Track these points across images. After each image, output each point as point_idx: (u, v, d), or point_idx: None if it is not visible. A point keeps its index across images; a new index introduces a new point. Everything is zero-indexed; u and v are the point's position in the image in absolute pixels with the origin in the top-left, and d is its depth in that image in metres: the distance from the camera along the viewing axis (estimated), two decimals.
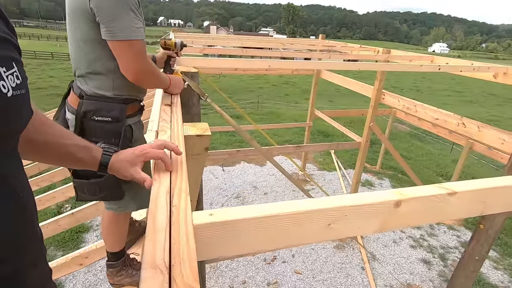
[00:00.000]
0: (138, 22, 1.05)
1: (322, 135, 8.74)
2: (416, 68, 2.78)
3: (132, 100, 1.22)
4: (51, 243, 4.22)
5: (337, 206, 0.45)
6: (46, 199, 2.52)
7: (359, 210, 0.47)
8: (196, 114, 1.61)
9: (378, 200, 0.48)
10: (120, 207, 1.30)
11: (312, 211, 0.44)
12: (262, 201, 5.26)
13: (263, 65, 2.11)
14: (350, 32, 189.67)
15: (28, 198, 0.40)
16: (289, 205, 0.44)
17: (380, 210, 0.48)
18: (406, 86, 23.50)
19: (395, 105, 3.92)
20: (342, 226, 0.47)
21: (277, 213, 0.42)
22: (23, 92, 0.37)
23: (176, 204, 0.41)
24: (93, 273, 3.72)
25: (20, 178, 0.38)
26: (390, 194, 0.50)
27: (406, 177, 6.24)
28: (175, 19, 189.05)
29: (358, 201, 0.47)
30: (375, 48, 4.38)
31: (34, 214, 0.42)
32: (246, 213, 0.41)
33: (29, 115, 0.40)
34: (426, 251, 4.37)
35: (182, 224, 0.37)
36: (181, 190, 0.44)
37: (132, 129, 1.20)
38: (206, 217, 0.40)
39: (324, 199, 0.46)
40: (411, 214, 0.51)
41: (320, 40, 5.43)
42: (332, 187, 5.89)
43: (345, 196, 0.48)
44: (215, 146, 7.27)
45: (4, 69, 0.34)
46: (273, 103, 13.70)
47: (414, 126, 8.61)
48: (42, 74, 19.34)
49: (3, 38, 0.35)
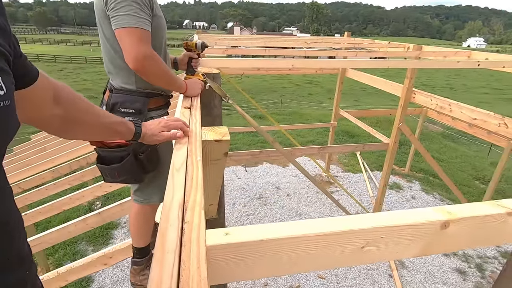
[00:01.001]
0: (141, 13, 1.07)
1: (347, 135, 8.48)
2: (452, 64, 2.58)
3: (155, 94, 1.30)
4: (83, 238, 4.43)
5: (372, 227, 0.39)
6: (77, 198, 2.63)
7: (398, 232, 0.40)
8: (217, 116, 1.58)
9: (422, 220, 0.41)
10: (144, 199, 1.38)
11: (343, 232, 0.38)
12: (285, 203, 5.18)
13: (286, 65, 2.06)
14: (377, 29, 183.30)
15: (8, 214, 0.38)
16: (316, 224, 0.39)
17: (423, 231, 0.41)
18: (438, 84, 22.27)
19: (427, 104, 3.69)
20: (378, 249, 0.40)
21: (302, 234, 0.37)
22: (6, 103, 0.34)
23: (188, 220, 0.37)
24: (120, 269, 3.85)
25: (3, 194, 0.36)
26: (436, 213, 0.43)
27: (438, 180, 5.88)
28: (200, 22, 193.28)
29: (398, 221, 0.40)
30: (404, 45, 4.15)
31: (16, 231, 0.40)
32: (266, 233, 0.36)
33: (15, 126, 0.37)
34: (461, 260, 4.07)
35: (194, 245, 0.33)
36: (195, 203, 0.40)
37: None
38: (221, 237, 0.35)
39: (357, 218, 0.40)
40: (461, 237, 0.43)
41: (346, 37, 5.25)
42: (357, 189, 5.68)
43: (382, 214, 0.42)
44: (238, 147, 7.28)
45: None
46: (296, 103, 13.54)
47: (447, 126, 8.11)
48: (77, 78, 20.52)
49: None
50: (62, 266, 4.13)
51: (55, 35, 74.35)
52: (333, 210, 4.96)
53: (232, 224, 4.64)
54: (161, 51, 1.28)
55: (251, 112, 10.40)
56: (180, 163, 0.53)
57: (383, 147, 4.26)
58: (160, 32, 1.25)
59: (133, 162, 1.15)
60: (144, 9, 1.09)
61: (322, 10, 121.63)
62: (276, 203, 5.19)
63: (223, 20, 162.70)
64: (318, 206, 5.10)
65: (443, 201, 5.37)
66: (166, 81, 1.18)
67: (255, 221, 4.70)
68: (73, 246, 4.31)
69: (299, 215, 4.86)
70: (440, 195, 5.56)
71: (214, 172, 0.87)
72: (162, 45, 1.29)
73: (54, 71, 23.14)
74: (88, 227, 2.18)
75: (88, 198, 2.81)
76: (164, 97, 1.37)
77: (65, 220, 4.40)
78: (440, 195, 5.58)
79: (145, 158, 1.19)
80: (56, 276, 1.67)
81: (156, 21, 1.19)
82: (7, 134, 0.36)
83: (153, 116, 1.29)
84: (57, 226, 2.22)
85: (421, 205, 5.23)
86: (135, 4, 1.05)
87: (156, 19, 1.19)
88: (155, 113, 1.32)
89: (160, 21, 1.23)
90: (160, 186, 1.37)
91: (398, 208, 5.15)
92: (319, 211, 4.97)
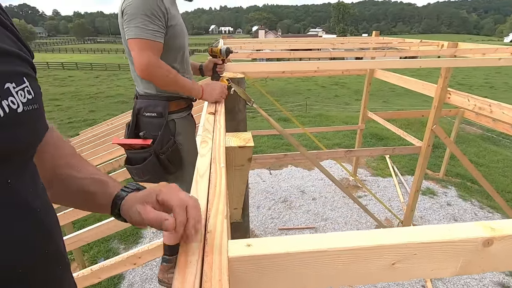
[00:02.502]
0: (151, 25, 1.13)
1: (375, 138, 8.17)
2: (493, 62, 2.40)
3: (175, 97, 1.35)
4: (115, 236, 4.65)
5: (404, 243, 0.36)
6: None
7: (433, 248, 0.37)
8: (242, 120, 1.59)
9: (461, 236, 0.37)
10: None
11: (372, 247, 0.35)
12: (310, 207, 5.09)
13: (311, 67, 2.02)
14: (408, 27, 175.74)
15: (46, 213, 0.39)
16: (342, 238, 0.37)
17: (462, 249, 0.37)
18: (476, 82, 20.83)
19: (464, 105, 3.45)
20: (410, 267, 0.37)
21: (327, 248, 0.35)
22: (35, 107, 0.36)
23: (211, 229, 0.37)
24: (149, 268, 3.99)
25: (36, 192, 0.38)
26: (477, 229, 0.39)
27: (478, 186, 5.48)
28: (225, 26, 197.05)
29: (433, 236, 0.37)
30: (438, 42, 3.93)
31: (54, 229, 0.41)
32: (289, 246, 0.35)
33: (44, 129, 0.40)
34: (505, 273, 3.74)
35: (216, 256, 0.33)
36: (218, 212, 0.40)
37: (175, 123, 1.36)
38: (243, 249, 0.35)
39: (388, 232, 0.37)
40: (506, 257, 0.38)
41: (374, 37, 5.08)
42: (387, 194, 5.44)
43: (416, 229, 0.38)
44: (262, 149, 7.28)
45: (13, 84, 0.33)
46: (322, 105, 13.30)
47: (486, 127, 7.54)
48: (111, 84, 21.71)
49: (15, 54, 0.35)
50: (96, 262, 4.37)
51: (92, 45, 79.44)
52: (361, 215, 4.79)
53: (256, 227, 4.63)
54: (178, 59, 1.33)
55: (276, 114, 10.37)
56: (203, 170, 0.53)
57: (415, 150, 4.05)
58: (176, 40, 1.29)
59: (155, 162, 1.23)
60: (155, 21, 1.14)
61: (348, 10, 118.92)
62: (301, 207, 5.11)
63: (248, 24, 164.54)
64: (345, 211, 4.95)
65: (483, 209, 4.99)
66: (175, 87, 1.24)
67: (279, 225, 4.66)
68: (106, 244, 4.54)
69: (325, 220, 4.75)
70: (480, 202, 5.17)
71: (238, 177, 0.87)
72: (179, 52, 1.34)
73: (91, 78, 24.69)
74: (120, 226, 2.28)
75: None
76: (185, 100, 1.42)
77: (100, 219, 4.66)
78: (480, 202, 5.19)
79: (166, 159, 1.24)
80: (90, 273, 1.76)
81: (172, 31, 1.24)
82: (37, 136, 0.38)
83: (174, 118, 1.35)
84: (92, 225, 2.35)
85: (457, 212, 4.89)
86: (146, 17, 1.12)
87: (172, 29, 1.23)
88: (176, 115, 1.37)
89: (177, 29, 1.27)
90: (185, 188, 1.42)
91: (432, 215, 4.85)
92: (345, 216, 4.83)
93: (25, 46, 0.40)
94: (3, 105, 0.31)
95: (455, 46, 3.49)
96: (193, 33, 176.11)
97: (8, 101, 0.32)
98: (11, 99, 0.32)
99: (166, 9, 1.18)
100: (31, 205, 0.36)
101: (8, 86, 0.33)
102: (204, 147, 0.63)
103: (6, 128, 0.31)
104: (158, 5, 1.15)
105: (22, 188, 0.35)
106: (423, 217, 4.79)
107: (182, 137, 1.38)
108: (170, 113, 1.34)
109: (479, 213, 4.89)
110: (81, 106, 14.95)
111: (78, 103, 15.65)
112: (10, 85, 0.33)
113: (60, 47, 63.06)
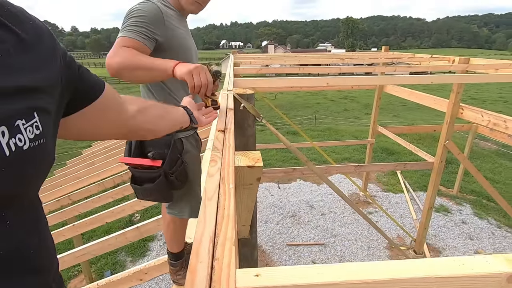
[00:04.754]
0: (139, 28, 1.09)
1: (385, 152, 8.05)
2: (506, 78, 2.36)
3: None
4: (122, 249, 4.64)
5: (421, 277, 0.34)
6: (118, 212, 2.80)
7: (452, 283, 0.34)
8: (251, 136, 1.59)
9: (482, 271, 0.35)
10: (177, 212, 1.45)
11: (388, 281, 0.33)
12: (319, 222, 4.99)
13: (321, 83, 2.03)
14: (417, 41, 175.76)
15: (40, 256, 0.40)
16: (357, 269, 0.35)
17: (484, 285, 0.35)
18: (490, 97, 20.48)
19: (478, 121, 3.37)
20: None
21: (341, 281, 0.33)
22: (42, 142, 0.37)
23: (219, 257, 0.36)
24: (155, 281, 3.94)
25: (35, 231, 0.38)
26: (499, 262, 0.36)
27: (494, 204, 5.28)
28: (235, 41, 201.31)
29: (452, 270, 0.34)
30: (449, 58, 3.90)
31: (46, 271, 0.42)
32: (300, 277, 0.33)
33: (49, 163, 0.40)
34: None
35: (224, 287, 0.31)
36: (226, 239, 0.39)
37: (182, 142, 1.32)
38: (251, 279, 0.33)
39: (404, 264, 0.36)
40: None
41: (383, 52, 5.09)
42: (398, 211, 5.30)
43: (434, 261, 0.36)
44: (271, 163, 7.26)
45: (23, 121, 0.34)
46: (331, 119, 13.26)
47: (502, 143, 7.34)
48: None
49: (28, 88, 0.36)
50: (103, 274, 4.34)
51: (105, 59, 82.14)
52: (372, 232, 4.66)
53: (264, 242, 4.55)
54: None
55: (285, 128, 10.38)
56: (212, 192, 0.52)
57: (427, 166, 3.96)
58: (181, 53, 1.26)
59: (163, 181, 1.20)
60: (148, 26, 1.10)
61: (357, 25, 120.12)
62: (310, 222, 5.02)
63: (258, 39, 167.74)
64: (355, 227, 4.83)
65: (501, 228, 4.79)
66: (143, 70, 1.05)
67: (288, 240, 4.57)
68: (114, 256, 4.53)
69: (335, 236, 4.63)
70: (497, 221, 4.97)
71: (246, 195, 0.86)
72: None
73: None
74: (127, 240, 2.28)
75: (128, 212, 2.96)
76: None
77: (108, 230, 4.67)
78: (497, 220, 4.99)
79: (175, 178, 1.22)
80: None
81: (177, 42, 1.22)
82: (41, 171, 0.39)
83: (180, 137, 1.32)
84: (100, 238, 2.36)
85: (473, 231, 4.70)
86: (133, 21, 1.09)
87: (176, 40, 1.21)
88: (183, 134, 1.32)
89: (182, 42, 1.26)
90: (190, 203, 1.42)
91: (446, 233, 4.68)
92: (356, 233, 4.70)
93: (53, 67, 0.41)
94: (10, 144, 0.32)
95: (466, 61, 3.45)
96: (204, 47, 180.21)
97: (16, 139, 0.33)
98: (18, 136, 0.33)
99: (164, 21, 1.16)
100: (26, 247, 0.36)
101: (18, 124, 0.33)
102: (213, 166, 0.62)
103: (10, 167, 0.32)
104: (155, 15, 1.13)
105: (20, 229, 0.35)
106: (437, 236, 4.62)
107: (189, 155, 1.36)
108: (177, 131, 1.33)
109: (497, 232, 4.69)
110: None
111: None
112: (20, 122, 0.34)
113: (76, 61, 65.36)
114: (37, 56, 0.39)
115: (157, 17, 1.13)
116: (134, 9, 1.12)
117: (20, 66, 0.36)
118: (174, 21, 1.23)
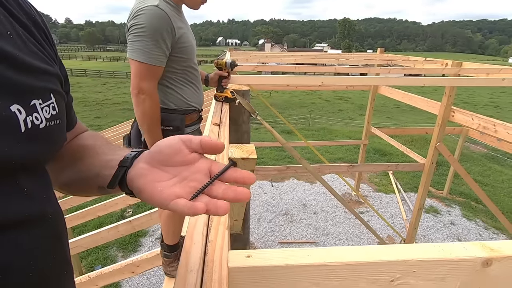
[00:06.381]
0: (155, 49, 1.11)
1: (378, 153, 8.14)
2: (496, 82, 2.42)
3: (190, 110, 1.34)
4: (114, 244, 4.61)
5: (403, 260, 0.36)
6: (110, 205, 2.77)
7: (432, 266, 0.37)
8: (246, 132, 1.61)
9: (460, 255, 0.37)
10: None
11: (370, 263, 0.36)
12: (311, 221, 5.04)
13: (316, 82, 2.05)
14: (412, 45, 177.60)
15: (57, 220, 0.41)
16: (341, 252, 0.37)
17: (461, 268, 0.37)
18: (481, 101, 20.83)
19: (468, 124, 3.45)
20: (409, 285, 0.37)
21: (326, 262, 0.35)
22: (58, 122, 0.38)
23: (212, 239, 0.37)
24: (146, 277, 3.93)
25: (49, 199, 0.39)
26: (476, 248, 0.39)
27: (482, 206, 5.40)
28: (232, 39, 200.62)
29: (432, 254, 0.37)
30: (442, 61, 3.97)
31: (63, 236, 0.42)
32: (289, 258, 0.35)
33: (62, 141, 0.42)
34: None
35: (216, 266, 0.33)
36: (219, 223, 0.40)
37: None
38: (243, 260, 0.35)
39: (387, 248, 0.38)
40: (505, 278, 0.38)
41: (379, 54, 5.15)
42: (389, 211, 5.38)
43: (415, 246, 0.39)
44: (264, 161, 7.28)
45: (40, 101, 0.35)
46: (325, 119, 13.34)
47: (491, 147, 7.50)
48: (118, 91, 22.01)
49: (43, 70, 0.37)
50: (93, 269, 4.32)
51: (101, 52, 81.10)
52: (363, 231, 4.73)
53: (256, 239, 4.58)
54: (182, 71, 1.32)
55: (280, 127, 10.41)
56: None
57: (418, 167, 4.02)
58: (184, 55, 1.28)
59: None
60: (161, 44, 1.12)
61: (354, 26, 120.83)
62: (302, 220, 5.06)
63: (254, 37, 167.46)
64: (347, 227, 4.89)
65: (488, 230, 4.90)
66: (148, 122, 1.20)
67: (280, 238, 4.61)
68: (105, 251, 4.50)
69: (326, 235, 4.68)
70: (484, 223, 5.08)
71: None
72: (185, 65, 1.32)
73: (98, 84, 25.09)
74: (119, 234, 2.27)
75: (121, 206, 2.94)
76: (197, 111, 1.43)
77: (99, 225, 4.63)
78: (484, 222, 5.10)
79: None
80: (88, 280, 1.75)
81: (181, 45, 1.24)
82: (55, 147, 0.40)
83: (188, 132, 1.36)
84: (91, 232, 2.35)
85: (461, 232, 4.81)
86: (150, 41, 1.10)
87: (180, 44, 1.23)
88: (190, 128, 1.38)
89: (185, 44, 1.27)
90: None
91: (435, 233, 4.77)
92: (347, 232, 4.76)
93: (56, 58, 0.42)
94: (26, 121, 0.33)
95: (459, 65, 3.52)
96: (200, 44, 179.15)
97: (32, 117, 0.34)
98: (35, 115, 0.34)
99: (174, 30, 1.17)
100: (45, 212, 0.37)
101: (35, 103, 0.34)
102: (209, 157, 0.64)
103: (25, 141, 0.33)
104: (166, 28, 1.13)
105: (36, 195, 0.36)
106: (426, 236, 4.71)
107: None
108: (185, 126, 1.35)
109: (484, 233, 4.80)
110: (87, 112, 15.14)
111: (85, 109, 15.85)
112: (36, 101, 0.35)
113: (70, 54, 64.41)
114: (41, 46, 0.40)
115: (168, 29, 1.15)
116: (145, 22, 1.10)
117: (32, 50, 0.37)
118: (178, 22, 1.22)
